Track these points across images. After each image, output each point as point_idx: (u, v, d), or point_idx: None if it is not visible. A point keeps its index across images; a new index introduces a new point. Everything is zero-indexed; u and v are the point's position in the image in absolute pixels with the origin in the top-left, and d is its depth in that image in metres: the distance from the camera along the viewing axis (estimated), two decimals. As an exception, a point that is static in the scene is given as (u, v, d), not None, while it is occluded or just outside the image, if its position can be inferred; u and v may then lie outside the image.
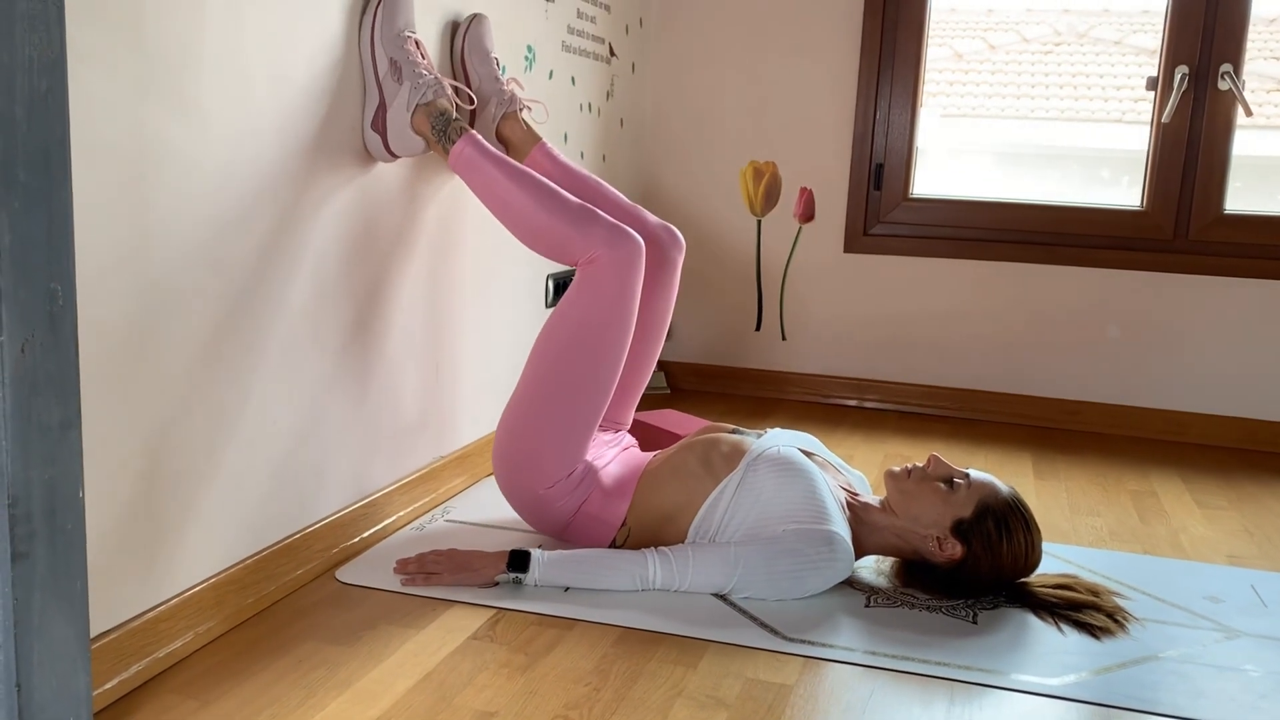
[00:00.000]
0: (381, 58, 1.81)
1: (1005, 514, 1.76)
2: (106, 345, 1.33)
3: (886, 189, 3.15)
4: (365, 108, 1.83)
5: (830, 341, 3.25)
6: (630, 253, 1.81)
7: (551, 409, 1.84)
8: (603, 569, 1.75)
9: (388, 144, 1.84)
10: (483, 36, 2.06)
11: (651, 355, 2.07)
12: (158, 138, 1.37)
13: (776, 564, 1.73)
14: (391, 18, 1.81)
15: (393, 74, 1.81)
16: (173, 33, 1.38)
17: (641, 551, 1.77)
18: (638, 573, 1.74)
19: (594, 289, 1.82)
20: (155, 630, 1.44)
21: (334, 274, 1.78)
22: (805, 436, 2.00)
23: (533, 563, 1.75)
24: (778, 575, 1.73)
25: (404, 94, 1.81)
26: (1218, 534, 2.22)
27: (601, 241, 1.80)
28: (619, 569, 1.75)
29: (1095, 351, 3.05)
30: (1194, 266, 2.94)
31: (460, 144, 1.83)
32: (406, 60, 1.81)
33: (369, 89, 1.83)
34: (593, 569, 1.75)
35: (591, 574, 1.75)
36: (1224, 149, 2.89)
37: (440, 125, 1.82)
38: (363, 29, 1.80)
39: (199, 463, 1.51)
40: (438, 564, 1.77)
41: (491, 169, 1.83)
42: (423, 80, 1.81)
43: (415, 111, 1.81)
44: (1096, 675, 1.56)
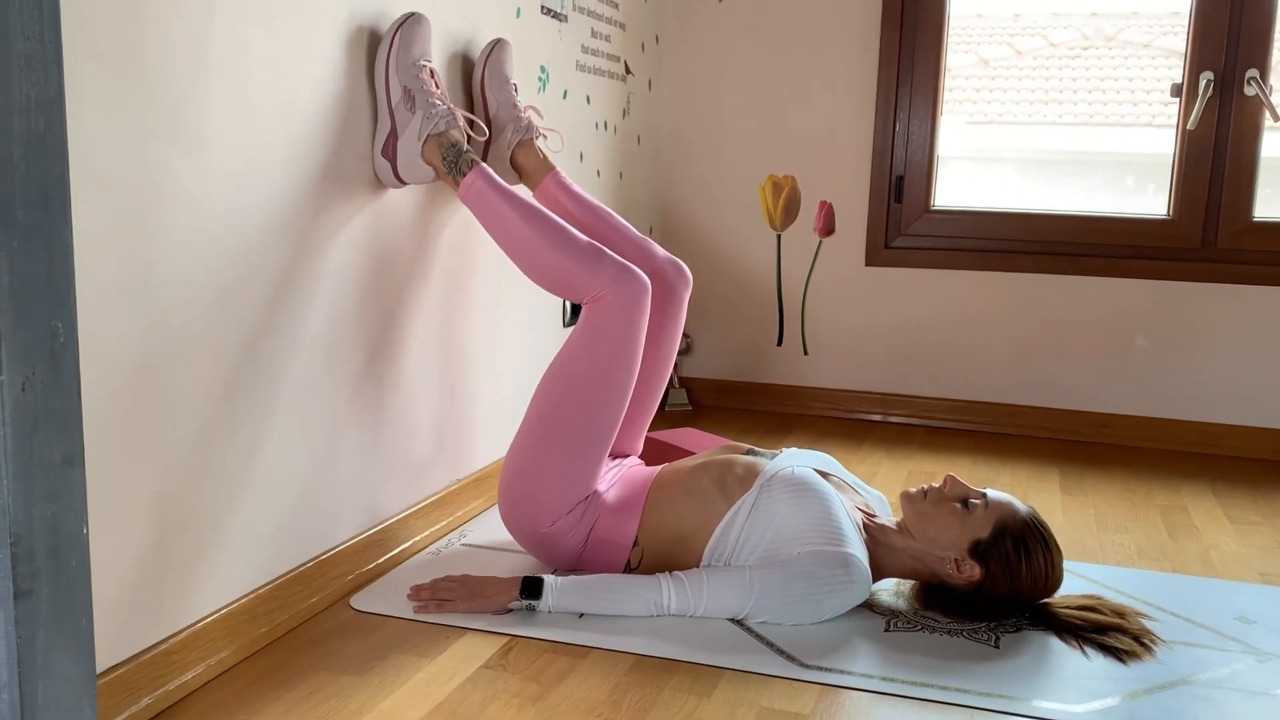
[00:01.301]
0: (395, 85, 1.81)
1: (1024, 534, 1.73)
2: (113, 380, 1.33)
3: (907, 201, 3.12)
4: (376, 134, 1.83)
5: (853, 356, 3.22)
6: (636, 293, 1.80)
7: (553, 450, 1.84)
8: (616, 594, 1.73)
9: (397, 171, 1.84)
10: (503, 62, 2.06)
11: (657, 389, 2.06)
12: (161, 172, 1.38)
13: (792, 587, 1.70)
14: (408, 46, 1.81)
15: (406, 102, 1.81)
16: (175, 66, 1.39)
17: (656, 576, 1.75)
18: (652, 598, 1.72)
19: (599, 328, 1.81)
20: (166, 663, 1.43)
21: (347, 301, 1.78)
22: (821, 456, 1.97)
23: (546, 589, 1.73)
24: (793, 599, 1.71)
25: (416, 123, 1.81)
26: (1250, 550, 2.17)
27: (608, 281, 1.79)
28: (633, 594, 1.73)
29: (1123, 363, 3.00)
30: (1223, 275, 2.89)
31: (471, 177, 1.82)
32: (420, 89, 1.81)
33: (381, 116, 1.83)
34: (606, 595, 1.74)
35: (605, 600, 1.73)
36: (1252, 155, 2.84)
37: (451, 157, 1.82)
38: (379, 55, 1.80)
39: (211, 493, 1.51)
40: (451, 590, 1.76)
41: (501, 203, 1.82)
42: (436, 110, 1.81)
43: (426, 141, 1.81)
44: (1123, 701, 1.53)
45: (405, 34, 1.81)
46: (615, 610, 1.73)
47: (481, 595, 1.75)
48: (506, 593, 1.74)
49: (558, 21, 2.48)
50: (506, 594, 1.74)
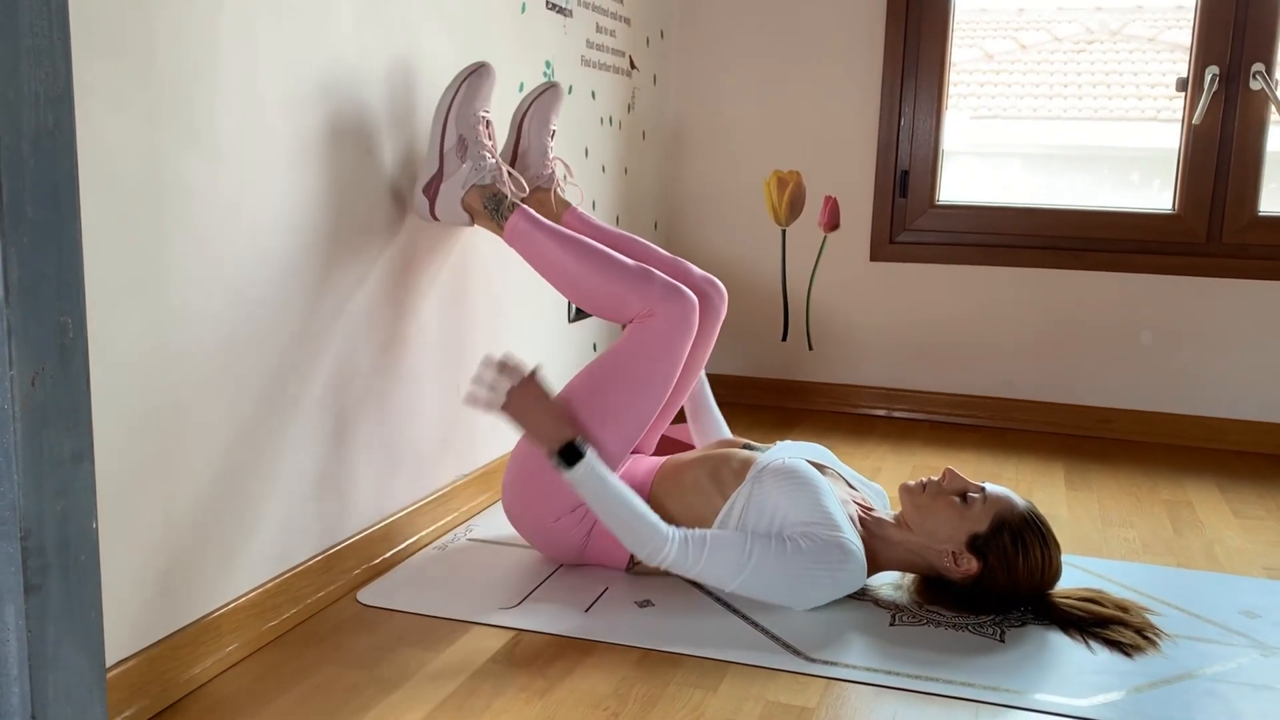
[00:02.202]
0: (452, 133, 1.88)
1: (1021, 528, 1.73)
2: (121, 376, 1.33)
3: (912, 196, 3.12)
4: (422, 170, 1.91)
5: (857, 351, 3.22)
6: (685, 309, 1.83)
7: None
8: (625, 520, 1.70)
9: (434, 210, 1.91)
10: (551, 106, 2.07)
11: (682, 397, 2.07)
12: (170, 168, 1.38)
13: (788, 562, 1.71)
14: (472, 97, 1.88)
15: (458, 150, 1.87)
16: (184, 61, 1.39)
17: (668, 527, 1.73)
18: (655, 540, 1.70)
19: (647, 343, 1.83)
20: (175, 657, 1.44)
21: (354, 297, 1.78)
22: (815, 448, 1.99)
23: (581, 466, 1.71)
24: (788, 573, 1.71)
25: (463, 172, 1.87)
26: (1255, 545, 2.17)
27: (658, 299, 1.81)
28: (638, 532, 1.70)
29: (1128, 358, 3.00)
30: (1228, 270, 2.89)
31: (514, 219, 1.87)
32: (475, 140, 1.88)
33: (430, 156, 1.90)
34: (617, 514, 1.70)
35: (613, 516, 1.71)
36: (1257, 150, 2.84)
37: (493, 205, 1.88)
38: (441, 101, 1.88)
39: (219, 489, 1.52)
40: (511, 395, 1.76)
41: (544, 239, 1.86)
42: (485, 165, 1.87)
43: (469, 190, 1.87)
44: (1128, 695, 1.53)
45: (471, 85, 1.88)
46: (617, 523, 1.70)
47: (528, 422, 1.76)
48: (549, 441, 1.73)
49: (563, 17, 2.48)
50: (549, 442, 1.73)
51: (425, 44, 1.94)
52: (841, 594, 1.78)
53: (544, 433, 1.75)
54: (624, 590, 1.84)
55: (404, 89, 1.89)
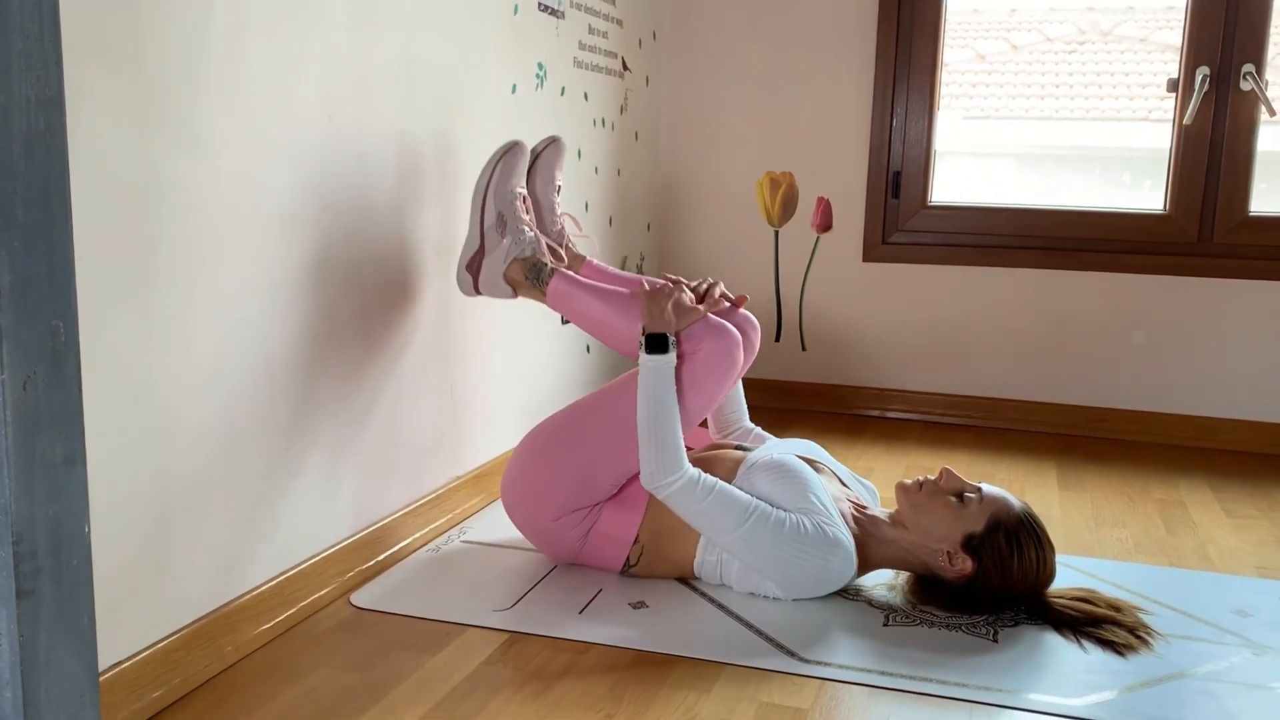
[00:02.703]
0: (491, 211, 1.94)
1: (1017, 529, 1.74)
2: (113, 379, 1.33)
3: (905, 197, 3.12)
4: (464, 249, 1.98)
5: (850, 352, 3.22)
6: (730, 345, 1.85)
7: (590, 453, 1.85)
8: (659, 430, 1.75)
9: (477, 285, 1.98)
10: (554, 162, 2.08)
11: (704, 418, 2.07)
12: (162, 171, 1.38)
13: (784, 535, 1.73)
14: (508, 175, 1.94)
15: (498, 227, 1.94)
16: (175, 64, 1.39)
17: (687, 463, 1.76)
18: (668, 466, 1.74)
19: (694, 376, 1.83)
20: (168, 660, 1.44)
21: (346, 300, 1.78)
22: (806, 444, 2.00)
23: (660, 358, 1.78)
24: (781, 545, 1.73)
25: (504, 247, 1.93)
26: (1246, 544, 2.18)
27: (704, 334, 1.84)
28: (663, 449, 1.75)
29: (1120, 358, 3.01)
30: (1219, 270, 2.90)
31: (554, 283, 1.93)
32: (513, 216, 1.94)
33: (471, 235, 1.97)
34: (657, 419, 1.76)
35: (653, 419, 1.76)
36: (1247, 150, 2.85)
37: (534, 275, 1.94)
38: (479, 181, 1.95)
39: (211, 490, 1.51)
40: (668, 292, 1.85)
41: (585, 297, 1.92)
42: (524, 238, 1.93)
43: (511, 264, 1.93)
44: (1121, 695, 1.53)
45: (507, 164, 1.94)
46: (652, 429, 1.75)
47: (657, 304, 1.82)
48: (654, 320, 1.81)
49: (555, 18, 2.48)
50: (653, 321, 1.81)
51: (418, 46, 1.94)
52: (831, 585, 1.78)
53: (656, 316, 1.81)
54: (618, 592, 1.84)
55: (398, 91, 1.89)
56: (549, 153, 2.07)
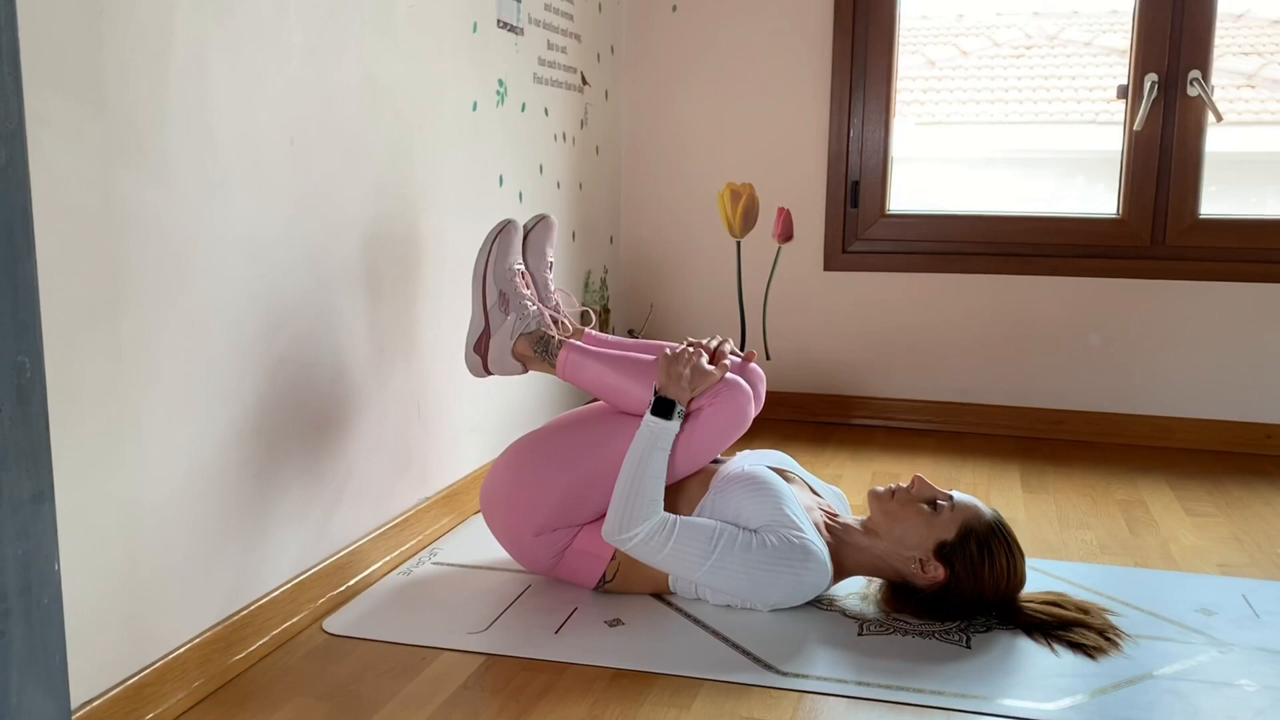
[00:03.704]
0: (492, 290, 1.96)
1: (988, 536, 1.76)
2: (80, 413, 1.31)
3: (864, 206, 3.15)
4: (469, 331, 2.00)
5: (814, 360, 3.25)
6: (743, 402, 1.87)
7: (581, 484, 1.84)
8: (639, 489, 1.76)
9: (486, 365, 1.99)
10: (545, 239, 2.08)
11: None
12: (126, 200, 1.36)
13: (752, 557, 1.74)
14: (504, 254, 1.96)
15: (500, 306, 1.95)
16: (136, 92, 1.37)
17: (660, 507, 1.77)
18: (637, 523, 1.75)
19: (701, 431, 1.84)
20: (140, 695, 1.42)
21: (311, 324, 1.76)
22: (776, 454, 2.01)
23: (664, 424, 1.79)
24: (752, 565, 1.74)
25: (509, 324, 1.95)
26: (1207, 542, 2.22)
27: (719, 389, 1.85)
28: (635, 507, 1.75)
29: (1078, 360, 3.06)
30: (1172, 272, 2.95)
31: (564, 354, 1.94)
32: (514, 293, 1.95)
33: (475, 316, 1.98)
34: (640, 479, 1.77)
35: (636, 477, 1.77)
36: (1196, 154, 2.91)
37: (542, 347, 1.95)
38: (477, 263, 1.97)
39: (180, 522, 1.49)
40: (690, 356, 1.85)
41: (597, 365, 1.92)
42: (528, 313, 1.95)
43: (518, 340, 1.94)
44: (1092, 698, 1.56)
45: (501, 244, 1.95)
46: (631, 485, 1.76)
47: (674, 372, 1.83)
48: (668, 388, 1.82)
49: (514, 35, 2.48)
50: (667, 388, 1.82)
51: (378, 67, 1.93)
52: (805, 596, 1.80)
53: (673, 380, 1.82)
54: (593, 610, 1.83)
55: (359, 112, 1.87)
56: (539, 230, 2.08)
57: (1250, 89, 4.93)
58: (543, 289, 2.06)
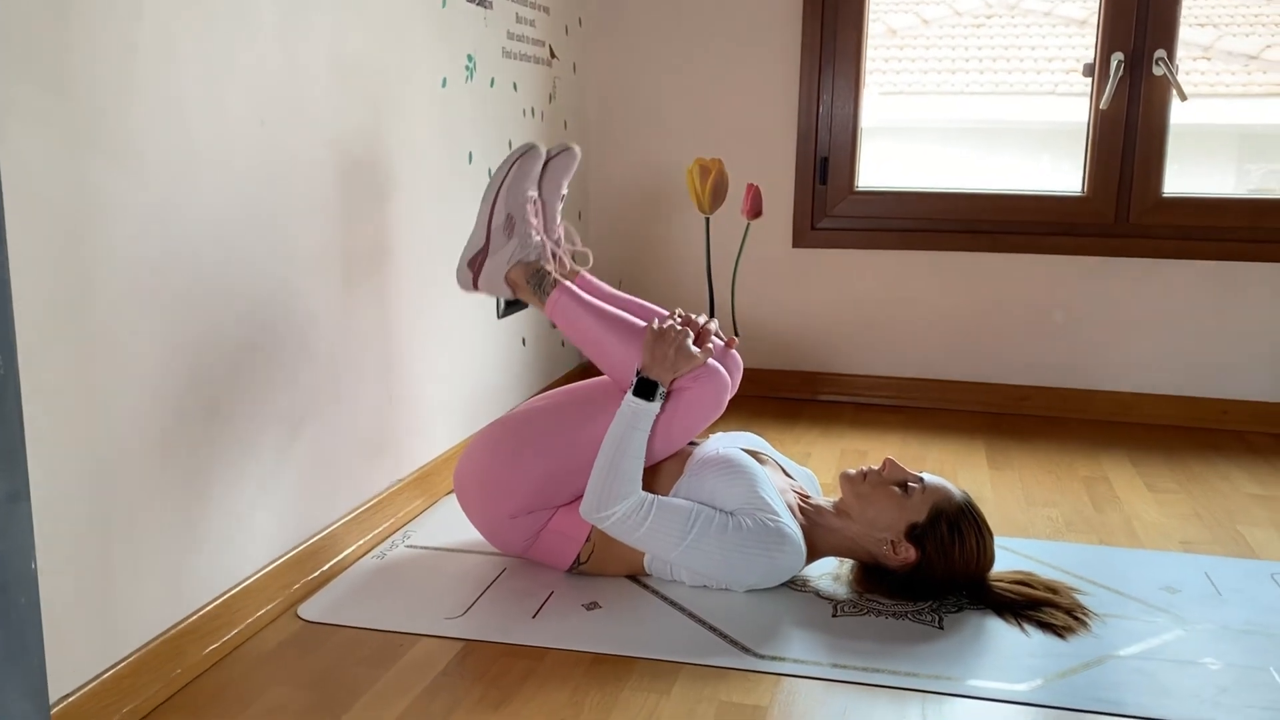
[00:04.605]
0: (500, 211, 1.93)
1: (958, 518, 1.78)
2: (51, 407, 1.29)
3: (832, 182, 3.16)
4: (468, 245, 1.97)
5: (782, 337, 3.26)
6: (719, 389, 1.87)
7: (559, 466, 1.84)
8: (619, 469, 1.76)
9: (476, 281, 1.98)
10: (564, 171, 2.04)
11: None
12: (95, 187, 1.33)
13: (728, 538, 1.75)
14: (521, 179, 1.94)
15: (505, 228, 1.93)
16: (103, 76, 1.33)
17: (638, 486, 1.78)
18: (615, 502, 1.75)
19: (678, 413, 1.84)
20: (118, 688, 1.40)
21: (282, 307, 1.74)
22: (748, 436, 2.02)
23: (646, 404, 1.79)
24: (728, 547, 1.75)
25: (510, 249, 1.92)
26: (1170, 519, 2.27)
27: (693, 377, 1.84)
28: (615, 485, 1.76)
29: (1042, 337, 3.09)
30: (1135, 250, 2.99)
31: (555, 294, 1.93)
32: (522, 219, 1.93)
33: (477, 232, 1.96)
34: (620, 458, 1.77)
35: (616, 456, 1.77)
36: (1161, 133, 2.94)
37: (536, 281, 1.94)
38: (493, 181, 1.94)
39: (154, 513, 1.47)
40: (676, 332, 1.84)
41: (587, 317, 1.92)
42: (531, 243, 1.92)
43: (514, 266, 1.91)
44: (1062, 678, 1.59)
45: (521, 167, 1.92)
46: (611, 464, 1.76)
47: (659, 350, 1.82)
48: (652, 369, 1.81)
49: (483, 9, 2.44)
50: (652, 369, 1.81)
51: (347, 45, 1.89)
52: (780, 578, 1.81)
53: (658, 361, 1.81)
54: (570, 593, 1.84)
55: (328, 91, 1.84)
56: (562, 160, 2.04)
57: (1206, 60, 4.98)
58: (550, 221, 2.03)
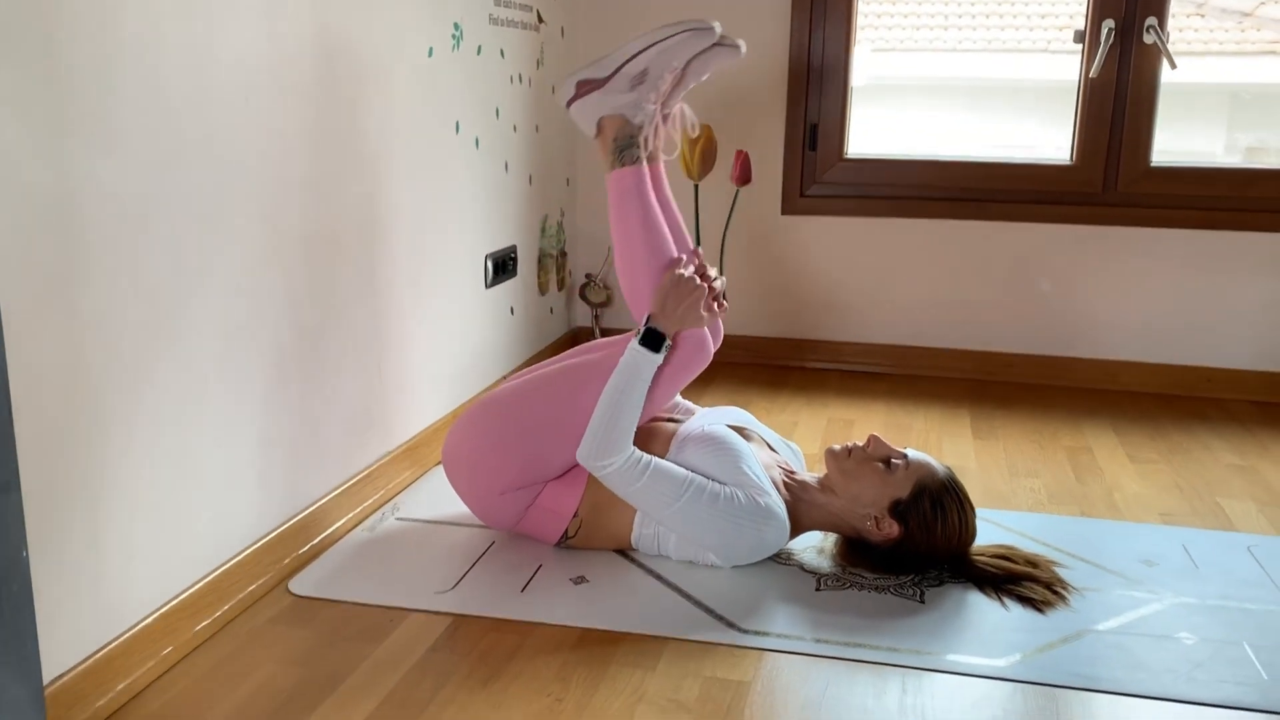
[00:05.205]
0: (641, 62, 1.86)
1: (940, 494, 1.81)
2: (36, 392, 1.29)
3: (822, 150, 3.15)
4: (589, 67, 1.89)
5: (770, 304, 3.27)
6: (701, 358, 1.90)
7: (547, 439, 1.85)
8: (617, 419, 1.77)
9: (572, 100, 1.90)
10: (720, 61, 1.97)
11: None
12: (78, 172, 1.32)
13: (718, 507, 1.77)
14: (681, 48, 1.86)
15: (634, 80, 1.86)
16: (84, 57, 1.32)
17: (631, 441, 1.79)
18: (613, 453, 1.76)
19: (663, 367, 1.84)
20: (110, 668, 1.42)
21: (268, 284, 1.74)
22: (735, 412, 2.04)
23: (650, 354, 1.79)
24: (717, 517, 1.76)
25: (624, 100, 1.86)
26: (1150, 490, 2.30)
27: (685, 337, 1.85)
28: (613, 436, 1.76)
29: (1028, 304, 3.11)
30: (1122, 219, 3.00)
31: (629, 170, 1.88)
32: (654, 84, 1.86)
33: (606, 65, 1.87)
34: (619, 409, 1.77)
35: (616, 406, 1.77)
36: (1150, 102, 2.93)
37: (625, 143, 1.88)
38: (657, 33, 1.85)
39: (141, 491, 1.48)
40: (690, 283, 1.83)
41: (635, 209, 1.88)
42: (645, 110, 1.87)
43: (615, 115, 1.86)
44: (1040, 653, 1.62)
45: (688, 39, 1.86)
46: (610, 414, 1.76)
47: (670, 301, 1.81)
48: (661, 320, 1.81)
49: (470, -24, 2.42)
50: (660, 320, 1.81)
51: (331, 15, 1.87)
52: (765, 552, 1.84)
53: (669, 314, 1.81)
54: (558, 566, 1.86)
55: (314, 65, 1.82)
56: (727, 52, 1.97)
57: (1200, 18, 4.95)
58: (673, 95, 1.97)
